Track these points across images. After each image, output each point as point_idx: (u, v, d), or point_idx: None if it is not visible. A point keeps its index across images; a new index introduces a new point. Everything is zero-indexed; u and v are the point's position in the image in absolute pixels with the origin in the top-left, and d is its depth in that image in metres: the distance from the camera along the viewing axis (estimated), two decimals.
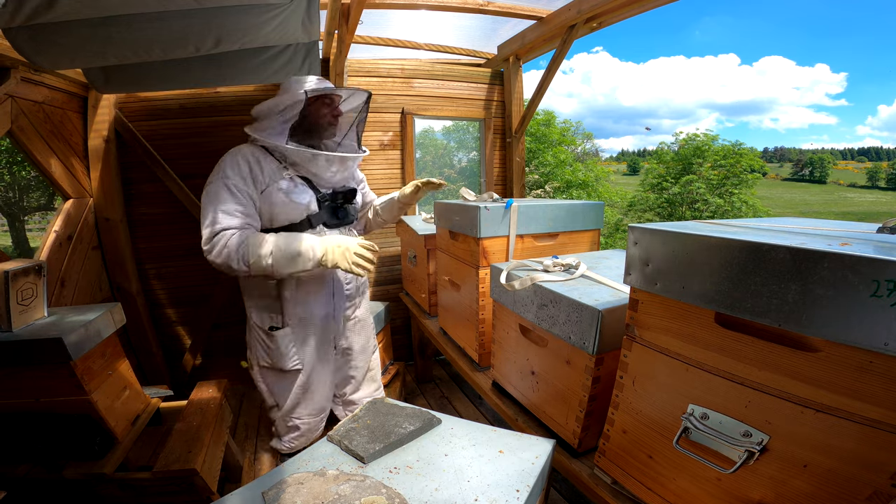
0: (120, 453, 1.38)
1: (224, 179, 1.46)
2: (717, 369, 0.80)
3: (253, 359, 1.67)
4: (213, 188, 1.46)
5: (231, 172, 1.47)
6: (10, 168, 11.23)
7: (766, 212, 17.22)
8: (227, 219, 1.42)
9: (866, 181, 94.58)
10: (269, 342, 1.59)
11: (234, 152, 1.52)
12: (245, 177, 1.48)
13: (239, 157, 1.49)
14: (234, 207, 1.44)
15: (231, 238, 1.40)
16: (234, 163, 1.48)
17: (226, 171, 1.47)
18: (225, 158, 1.51)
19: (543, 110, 14.65)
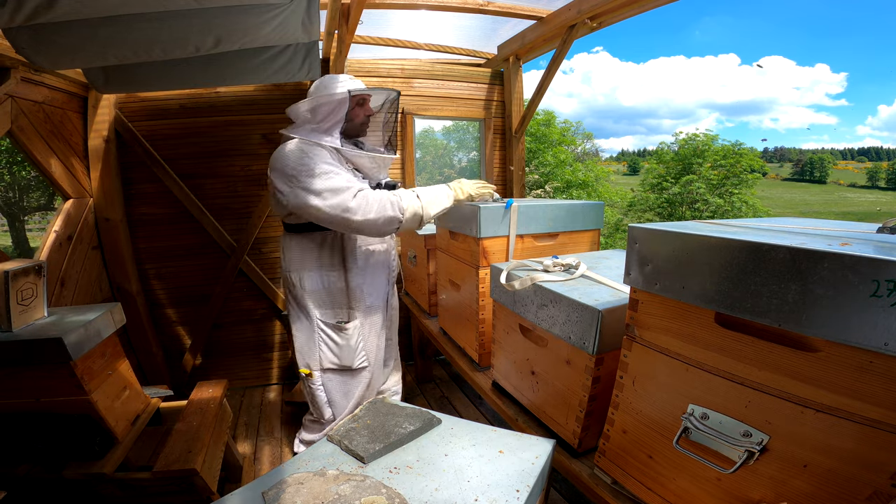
0: (120, 453, 1.38)
1: (319, 160, 1.44)
2: (717, 369, 0.80)
3: (314, 363, 1.58)
4: (317, 169, 1.42)
5: (319, 158, 1.45)
6: (10, 168, 11.23)
7: (766, 212, 17.22)
8: (356, 182, 1.43)
9: (866, 181, 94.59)
10: (339, 338, 1.56)
11: (303, 143, 1.49)
12: (333, 162, 1.47)
13: (308, 148, 1.48)
14: (351, 177, 1.44)
15: (369, 192, 1.41)
16: (316, 150, 1.47)
17: (314, 155, 1.45)
18: (300, 147, 1.47)
19: (543, 110, 14.66)
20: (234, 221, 2.67)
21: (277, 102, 2.64)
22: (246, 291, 2.77)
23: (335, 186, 1.40)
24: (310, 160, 1.43)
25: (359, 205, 1.39)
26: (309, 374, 1.59)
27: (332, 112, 1.53)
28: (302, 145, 1.48)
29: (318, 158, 1.44)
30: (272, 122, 2.64)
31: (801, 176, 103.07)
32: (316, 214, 1.42)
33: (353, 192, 1.40)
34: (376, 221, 1.42)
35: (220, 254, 2.68)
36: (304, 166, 1.42)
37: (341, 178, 1.42)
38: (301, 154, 1.45)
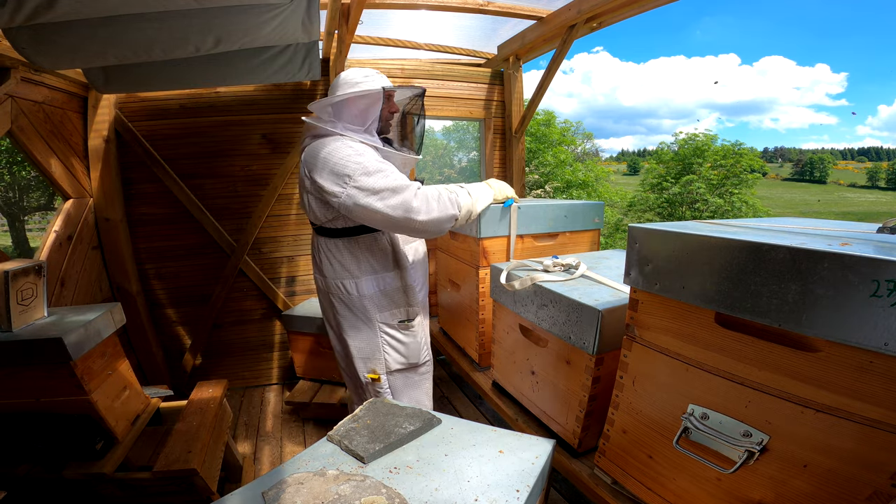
0: (120, 453, 1.38)
1: (375, 157, 1.37)
2: (717, 369, 0.80)
3: (379, 367, 1.54)
4: (371, 166, 1.33)
5: (369, 155, 1.37)
6: (10, 168, 11.24)
7: (766, 212, 17.23)
8: (412, 182, 1.36)
9: (866, 181, 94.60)
10: (405, 337, 1.53)
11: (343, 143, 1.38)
12: (381, 160, 1.40)
13: (356, 146, 1.39)
14: (404, 175, 1.37)
15: (428, 190, 1.36)
16: (362, 148, 1.38)
17: (363, 154, 1.36)
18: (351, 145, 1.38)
19: (543, 110, 14.67)
20: (234, 221, 2.67)
21: (277, 102, 2.64)
22: (246, 291, 2.77)
23: (395, 185, 1.32)
24: (362, 158, 1.34)
25: (421, 204, 1.33)
26: (377, 379, 1.55)
27: (366, 109, 1.45)
28: (348, 142, 1.38)
29: (370, 155, 1.36)
30: (272, 122, 2.64)
31: (801, 176, 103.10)
32: (373, 216, 1.33)
33: (414, 190, 1.33)
34: (440, 220, 1.37)
35: (220, 254, 2.68)
36: (359, 165, 1.32)
37: (397, 175, 1.35)
38: (350, 151, 1.35)
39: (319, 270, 1.56)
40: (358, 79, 1.46)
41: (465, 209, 1.42)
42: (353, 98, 1.44)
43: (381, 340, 1.53)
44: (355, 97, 1.43)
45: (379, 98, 1.44)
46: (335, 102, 1.45)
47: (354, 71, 1.49)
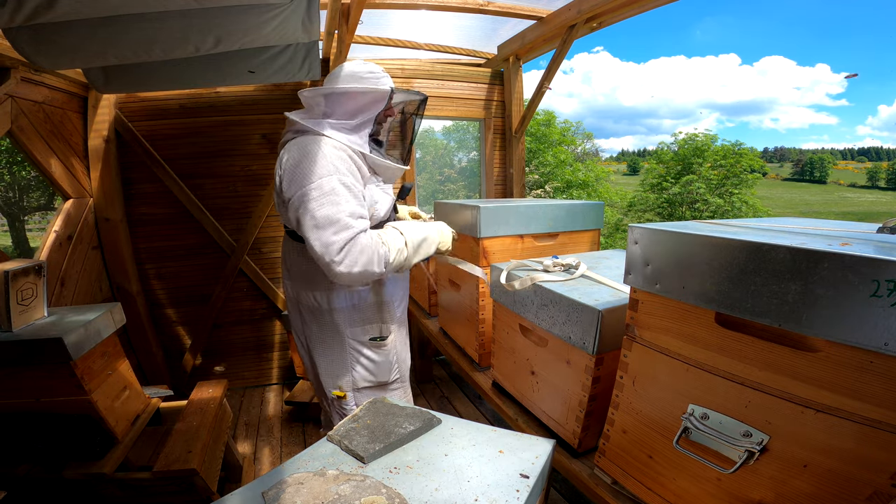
0: (120, 453, 1.38)
1: (339, 176, 1.25)
2: (717, 369, 0.80)
3: (346, 384, 1.46)
4: (327, 185, 1.23)
5: (343, 167, 1.27)
6: (10, 168, 11.24)
7: (766, 212, 17.24)
8: (356, 222, 1.24)
9: (866, 181, 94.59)
10: (376, 355, 1.45)
11: (331, 149, 1.28)
12: (355, 172, 1.30)
13: (339, 151, 1.29)
14: (358, 209, 1.26)
15: (363, 240, 1.23)
16: (340, 157, 1.28)
17: (337, 165, 1.26)
18: (328, 154, 1.26)
19: (543, 110, 14.68)
20: (234, 221, 2.67)
21: (277, 102, 2.64)
22: (246, 291, 2.77)
23: (335, 219, 1.21)
24: (325, 171, 1.24)
25: (345, 256, 1.21)
26: (343, 396, 1.48)
27: (363, 108, 1.34)
28: (327, 147, 1.27)
29: (338, 167, 1.26)
30: (272, 122, 2.64)
31: (801, 176, 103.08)
32: (305, 238, 1.24)
33: (349, 235, 1.21)
34: (357, 277, 1.24)
35: (220, 254, 2.68)
36: (318, 181, 1.23)
37: (349, 208, 1.23)
38: (321, 161, 1.25)
39: (289, 277, 1.47)
40: (363, 73, 1.35)
41: (395, 266, 1.31)
42: (354, 93, 1.33)
43: (350, 357, 1.44)
44: (356, 93, 1.33)
45: (383, 99, 1.34)
46: (332, 94, 1.33)
47: (359, 64, 1.38)
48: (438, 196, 4.03)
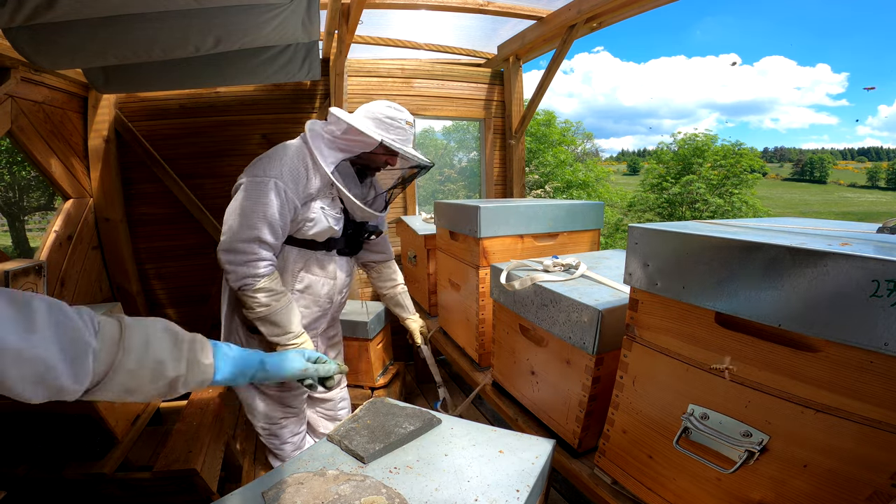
0: (120, 453, 1.38)
1: (278, 180, 1.30)
2: (717, 369, 0.80)
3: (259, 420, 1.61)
4: (263, 186, 1.29)
5: (288, 174, 1.32)
6: (10, 168, 11.24)
7: (766, 212, 17.24)
8: (269, 236, 1.30)
9: (866, 181, 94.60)
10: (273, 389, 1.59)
11: (294, 151, 1.37)
12: (299, 182, 1.34)
13: (297, 160, 1.35)
14: (279, 221, 1.31)
15: (264, 270, 1.30)
16: (293, 164, 1.34)
17: (282, 170, 1.32)
18: (284, 154, 1.35)
19: (544, 110, 14.68)
20: None
21: (277, 102, 2.64)
22: None
23: (246, 220, 1.28)
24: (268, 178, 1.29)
25: (243, 258, 1.29)
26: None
27: (350, 142, 1.41)
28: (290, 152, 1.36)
29: (279, 180, 1.30)
30: (272, 122, 2.64)
31: (801, 176, 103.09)
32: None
33: (250, 250, 1.28)
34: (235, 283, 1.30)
35: None
36: (257, 180, 1.30)
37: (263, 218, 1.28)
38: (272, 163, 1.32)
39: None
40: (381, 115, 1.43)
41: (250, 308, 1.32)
42: (348, 126, 1.40)
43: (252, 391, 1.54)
44: (349, 127, 1.39)
45: (368, 146, 1.40)
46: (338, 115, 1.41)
47: (385, 107, 1.45)
48: (438, 196, 4.03)
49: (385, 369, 2.45)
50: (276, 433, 1.62)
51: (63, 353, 0.52)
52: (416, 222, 2.55)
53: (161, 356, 0.65)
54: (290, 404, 1.60)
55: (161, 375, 0.65)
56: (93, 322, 0.60)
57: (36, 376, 0.50)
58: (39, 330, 0.50)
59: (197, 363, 0.70)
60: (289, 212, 1.34)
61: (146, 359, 0.63)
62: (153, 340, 0.65)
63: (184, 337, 0.71)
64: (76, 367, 0.54)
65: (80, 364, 0.54)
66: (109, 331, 0.62)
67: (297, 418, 1.64)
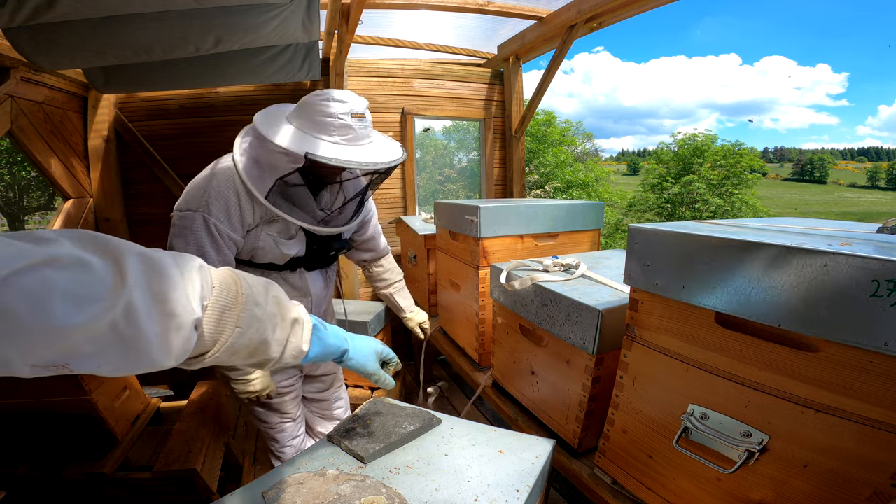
0: (120, 453, 1.38)
1: (206, 215, 1.15)
2: (717, 369, 0.80)
3: None
4: (189, 222, 1.15)
5: (216, 206, 1.16)
6: (10, 168, 11.24)
7: (766, 212, 17.24)
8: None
9: (866, 181, 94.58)
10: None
11: (222, 177, 1.18)
12: (231, 214, 1.17)
13: (225, 187, 1.17)
14: (218, 259, 1.17)
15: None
16: (221, 193, 1.16)
17: (209, 202, 1.15)
18: (210, 182, 1.17)
19: (544, 110, 14.67)
20: None
21: (277, 102, 2.64)
22: None
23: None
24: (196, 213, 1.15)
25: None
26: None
27: (277, 159, 1.17)
28: (216, 181, 1.17)
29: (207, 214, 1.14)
30: None
31: (801, 176, 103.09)
32: None
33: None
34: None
35: None
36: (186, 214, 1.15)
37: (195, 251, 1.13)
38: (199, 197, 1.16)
39: None
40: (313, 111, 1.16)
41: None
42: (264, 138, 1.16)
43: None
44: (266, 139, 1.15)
45: (295, 162, 1.14)
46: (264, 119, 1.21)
47: (324, 102, 1.16)
48: (438, 196, 4.03)
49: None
50: (276, 437, 1.61)
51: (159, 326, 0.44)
52: (416, 222, 2.55)
53: (266, 336, 0.58)
54: (285, 410, 1.59)
55: (259, 353, 0.59)
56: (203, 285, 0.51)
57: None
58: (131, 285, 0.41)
59: (294, 348, 0.64)
60: (228, 247, 1.19)
61: (255, 338, 0.56)
62: (264, 315, 0.57)
63: (289, 310, 0.64)
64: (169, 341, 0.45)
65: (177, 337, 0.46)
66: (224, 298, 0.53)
67: (294, 422, 1.62)
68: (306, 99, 1.20)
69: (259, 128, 1.16)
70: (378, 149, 1.25)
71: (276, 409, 1.56)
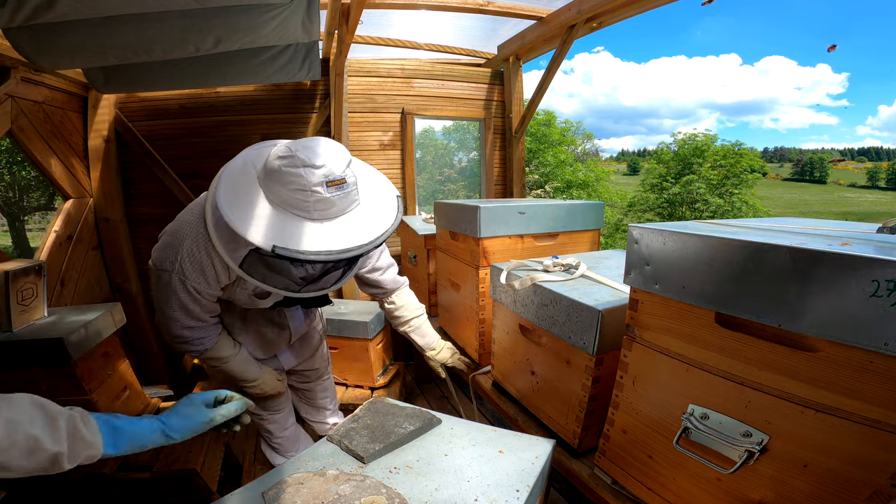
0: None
1: (181, 276, 1.11)
2: (717, 369, 0.80)
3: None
4: (165, 282, 1.13)
5: (190, 268, 1.11)
6: (10, 168, 11.24)
7: (766, 212, 17.23)
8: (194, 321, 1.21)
9: (866, 181, 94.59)
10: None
11: (193, 243, 1.10)
12: (207, 275, 1.13)
13: (198, 249, 1.10)
14: (199, 310, 1.19)
15: (200, 347, 1.27)
16: (194, 256, 1.10)
17: (182, 264, 1.10)
18: (182, 242, 1.11)
19: (544, 110, 14.67)
20: None
21: (277, 102, 2.64)
22: None
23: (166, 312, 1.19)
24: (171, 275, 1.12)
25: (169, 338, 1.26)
26: None
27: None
28: (187, 246, 1.10)
29: (183, 277, 1.11)
30: (272, 122, 2.64)
31: (801, 176, 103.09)
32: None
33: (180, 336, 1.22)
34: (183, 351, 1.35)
35: None
36: (163, 275, 1.14)
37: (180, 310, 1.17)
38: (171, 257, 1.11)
39: None
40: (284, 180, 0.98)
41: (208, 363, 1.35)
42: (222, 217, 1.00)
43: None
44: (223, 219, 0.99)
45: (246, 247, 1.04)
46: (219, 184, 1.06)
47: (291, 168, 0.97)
48: (438, 196, 4.03)
49: (385, 369, 2.45)
50: (269, 429, 1.67)
51: None
52: (416, 222, 2.55)
53: (33, 432, 0.62)
54: (272, 409, 1.64)
55: (38, 450, 0.62)
56: None
57: None
58: None
59: (81, 439, 0.68)
60: (207, 300, 1.18)
61: (16, 434, 0.60)
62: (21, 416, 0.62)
63: (59, 412, 0.68)
64: None
65: None
66: None
67: (282, 413, 1.67)
68: (273, 164, 1.00)
69: (221, 208, 0.99)
70: (365, 219, 1.05)
71: (264, 408, 1.61)
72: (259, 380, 1.45)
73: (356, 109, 2.84)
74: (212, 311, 1.25)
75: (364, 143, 2.91)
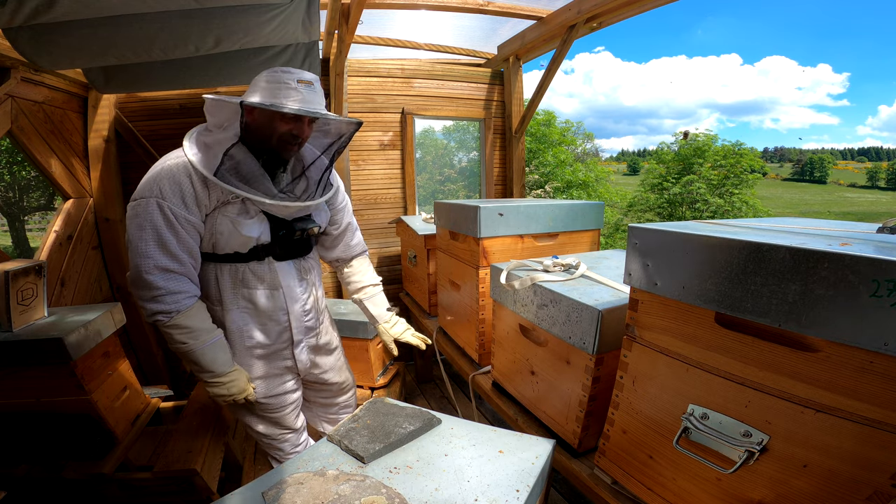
0: (120, 453, 1.38)
1: (158, 199, 1.13)
2: (717, 369, 0.80)
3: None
4: (142, 208, 1.14)
5: (169, 190, 1.14)
6: (10, 168, 11.24)
7: (766, 212, 17.23)
8: (171, 262, 1.16)
9: (866, 181, 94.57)
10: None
11: (172, 163, 1.18)
12: (186, 196, 1.16)
13: (177, 171, 1.16)
14: (177, 244, 1.16)
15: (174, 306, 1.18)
16: (173, 177, 1.15)
17: (160, 187, 1.14)
18: (160, 170, 1.17)
19: (544, 110, 14.67)
20: None
21: None
22: None
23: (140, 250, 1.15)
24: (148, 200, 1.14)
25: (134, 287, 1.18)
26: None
27: (225, 122, 1.23)
28: (166, 167, 1.17)
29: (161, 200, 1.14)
30: None
31: (801, 176, 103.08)
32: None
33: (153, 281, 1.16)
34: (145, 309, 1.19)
35: None
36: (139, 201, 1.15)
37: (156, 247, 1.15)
38: (151, 184, 1.15)
39: None
40: (261, 81, 1.20)
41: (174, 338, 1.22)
42: (211, 105, 1.23)
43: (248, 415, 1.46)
44: (212, 105, 1.23)
45: (236, 114, 1.19)
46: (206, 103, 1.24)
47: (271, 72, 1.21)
48: (438, 196, 4.03)
49: (385, 369, 2.45)
50: (279, 447, 1.57)
51: None
52: (416, 222, 2.55)
53: None
54: (287, 425, 1.53)
55: None
56: None
57: None
58: None
59: None
60: (187, 232, 1.18)
61: None
62: None
63: None
64: None
65: None
66: None
67: (296, 433, 1.58)
68: (258, 78, 1.23)
69: (208, 103, 1.22)
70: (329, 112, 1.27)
71: (277, 422, 1.51)
72: (228, 377, 1.29)
73: (356, 109, 2.84)
74: (189, 250, 1.20)
75: (364, 142, 2.91)
